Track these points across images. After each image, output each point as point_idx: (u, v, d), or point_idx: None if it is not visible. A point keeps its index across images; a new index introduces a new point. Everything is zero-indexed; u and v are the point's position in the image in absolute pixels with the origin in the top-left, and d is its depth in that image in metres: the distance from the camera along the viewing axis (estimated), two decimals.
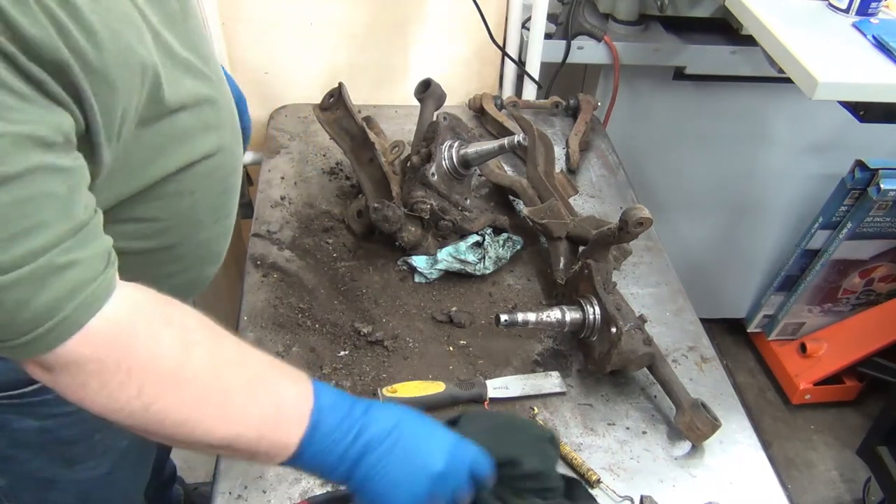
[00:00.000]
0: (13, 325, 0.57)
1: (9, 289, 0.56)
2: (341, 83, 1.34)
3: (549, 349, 1.16)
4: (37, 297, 0.57)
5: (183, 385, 0.65)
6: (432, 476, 0.73)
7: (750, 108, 2.00)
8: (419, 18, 1.65)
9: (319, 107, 1.38)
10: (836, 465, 2.29)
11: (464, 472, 0.75)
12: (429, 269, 1.24)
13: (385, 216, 1.21)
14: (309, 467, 0.72)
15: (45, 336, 0.59)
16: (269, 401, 0.70)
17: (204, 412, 0.67)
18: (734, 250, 2.35)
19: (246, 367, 0.71)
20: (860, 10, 1.49)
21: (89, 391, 0.63)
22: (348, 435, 0.71)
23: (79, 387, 0.63)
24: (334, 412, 0.71)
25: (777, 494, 0.99)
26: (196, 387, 0.66)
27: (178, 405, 0.65)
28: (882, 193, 2.00)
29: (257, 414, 0.69)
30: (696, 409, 1.01)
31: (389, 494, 0.72)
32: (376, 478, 0.71)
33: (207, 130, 0.81)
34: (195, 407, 0.66)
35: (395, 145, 1.34)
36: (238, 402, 0.68)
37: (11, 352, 0.60)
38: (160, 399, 0.64)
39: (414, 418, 0.76)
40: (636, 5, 1.79)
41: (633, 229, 1.04)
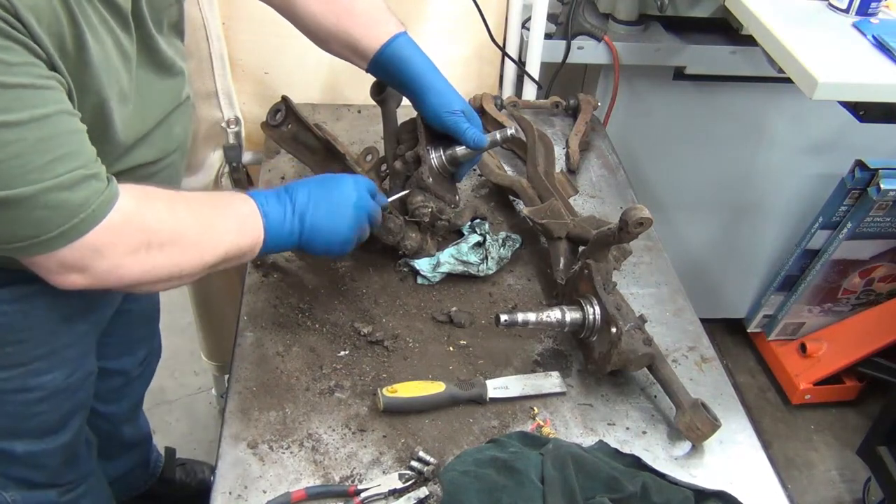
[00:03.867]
0: (55, 219, 0.78)
1: (52, 191, 0.77)
2: (285, 96, 1.32)
3: (549, 349, 1.16)
4: (72, 198, 0.78)
5: (184, 232, 0.90)
6: (352, 204, 1.03)
7: (750, 108, 2.00)
8: (419, 18, 1.65)
9: (267, 124, 1.33)
10: (836, 465, 2.29)
11: (367, 196, 1.06)
12: (431, 272, 1.23)
13: (388, 228, 1.19)
14: (274, 247, 1.00)
15: (80, 225, 0.80)
16: (234, 218, 0.96)
17: (203, 246, 0.92)
18: (734, 250, 2.35)
19: (208, 204, 0.96)
20: (860, 10, 1.49)
21: (125, 267, 0.85)
22: (286, 211, 0.99)
23: (117, 267, 0.84)
24: (271, 203, 0.99)
25: (777, 494, 0.99)
26: (192, 230, 0.91)
27: (188, 248, 0.90)
28: (882, 193, 2.00)
29: (233, 230, 0.95)
30: (696, 409, 1.01)
31: (333, 231, 1.02)
32: (318, 227, 1.01)
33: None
34: (197, 243, 0.91)
35: (368, 152, 1.31)
36: (219, 229, 0.94)
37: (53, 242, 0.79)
38: (175, 249, 0.88)
39: (318, 178, 1.06)
40: (636, 5, 1.79)
41: (633, 229, 1.04)
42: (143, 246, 0.85)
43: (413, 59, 1.15)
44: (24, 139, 0.74)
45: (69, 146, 0.79)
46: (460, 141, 1.17)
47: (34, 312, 1.09)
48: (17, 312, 1.07)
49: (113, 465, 1.57)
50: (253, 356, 1.10)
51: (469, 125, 1.16)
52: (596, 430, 1.04)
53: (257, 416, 1.02)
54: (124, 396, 1.61)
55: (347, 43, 1.17)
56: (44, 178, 0.76)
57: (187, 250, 0.90)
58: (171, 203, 0.90)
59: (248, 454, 0.97)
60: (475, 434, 1.02)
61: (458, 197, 1.26)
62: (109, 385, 1.52)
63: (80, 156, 0.80)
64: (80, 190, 0.79)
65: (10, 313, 1.07)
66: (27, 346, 1.12)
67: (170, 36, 1.04)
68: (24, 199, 0.76)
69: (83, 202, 0.79)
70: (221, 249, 0.94)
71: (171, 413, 2.24)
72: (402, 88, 1.19)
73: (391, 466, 0.97)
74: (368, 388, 1.06)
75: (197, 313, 1.87)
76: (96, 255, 0.82)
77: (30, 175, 0.75)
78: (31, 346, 1.12)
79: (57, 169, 0.77)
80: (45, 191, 0.76)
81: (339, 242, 1.04)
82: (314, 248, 1.03)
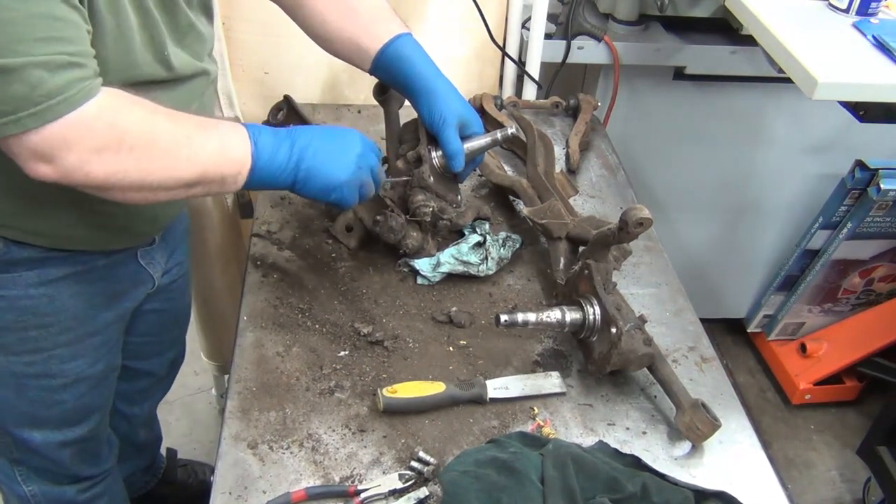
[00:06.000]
0: (31, 97, 0.77)
1: (34, 67, 0.76)
2: (287, 96, 1.32)
3: (549, 349, 1.16)
4: (52, 78, 0.77)
5: (158, 138, 0.88)
6: (356, 154, 1.03)
7: (750, 108, 2.00)
8: (419, 18, 1.65)
9: (268, 123, 1.33)
10: (836, 465, 2.29)
11: (372, 152, 1.06)
12: (431, 273, 1.23)
13: (390, 227, 1.19)
14: (264, 180, 0.97)
15: (55, 107, 0.78)
16: (217, 139, 0.93)
17: (177, 156, 0.89)
18: (734, 250, 2.35)
19: (192, 121, 0.93)
20: (860, 10, 1.49)
21: (94, 164, 0.83)
22: (283, 146, 0.97)
23: (84, 162, 0.83)
24: (265, 134, 0.96)
25: (777, 494, 0.99)
26: (167, 139, 0.89)
27: (159, 156, 0.88)
28: (882, 193, 2.00)
29: (213, 150, 0.92)
30: (696, 409, 1.01)
31: (331, 175, 1.00)
32: (317, 167, 0.99)
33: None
34: (171, 153, 0.89)
35: None
36: (197, 144, 0.91)
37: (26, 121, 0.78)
38: (145, 154, 0.86)
39: (325, 128, 1.05)
40: (636, 5, 1.79)
41: (633, 229, 1.04)
42: (114, 145, 0.84)
43: (414, 59, 1.15)
44: (17, 10, 0.74)
45: (61, 32, 0.78)
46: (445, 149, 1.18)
47: (59, 298, 1.10)
48: (42, 296, 1.09)
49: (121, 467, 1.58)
50: (253, 356, 1.10)
51: (454, 141, 1.16)
52: (596, 430, 1.04)
53: (257, 416, 1.02)
54: (147, 399, 1.62)
55: (350, 42, 1.17)
56: (29, 52, 0.76)
57: (158, 158, 0.88)
58: (152, 111, 0.88)
59: (248, 454, 0.97)
60: (475, 434, 1.02)
61: (460, 197, 1.26)
62: (136, 386, 1.53)
63: (69, 43, 0.79)
64: (61, 74, 0.78)
65: (35, 297, 1.08)
66: (52, 330, 1.13)
67: (197, 11, 1.04)
68: (9, 70, 0.75)
69: (62, 86, 0.78)
70: (198, 167, 0.91)
71: (171, 413, 2.24)
72: (402, 89, 1.19)
73: (391, 467, 0.97)
74: (368, 388, 1.06)
75: (197, 313, 1.87)
76: (64, 145, 0.81)
77: (17, 46, 0.75)
78: (55, 331, 1.13)
79: (44, 48, 0.77)
80: (27, 65, 0.76)
81: (338, 186, 1.01)
82: (311, 187, 1.00)
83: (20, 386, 1.18)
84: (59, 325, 1.13)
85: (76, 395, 1.23)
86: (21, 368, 1.15)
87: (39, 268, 1.06)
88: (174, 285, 1.41)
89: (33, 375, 1.17)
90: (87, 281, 1.13)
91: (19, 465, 1.31)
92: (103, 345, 1.23)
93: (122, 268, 1.18)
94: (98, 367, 1.24)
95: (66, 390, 1.21)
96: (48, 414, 1.23)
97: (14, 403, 1.20)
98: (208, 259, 1.74)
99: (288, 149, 0.98)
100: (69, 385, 1.21)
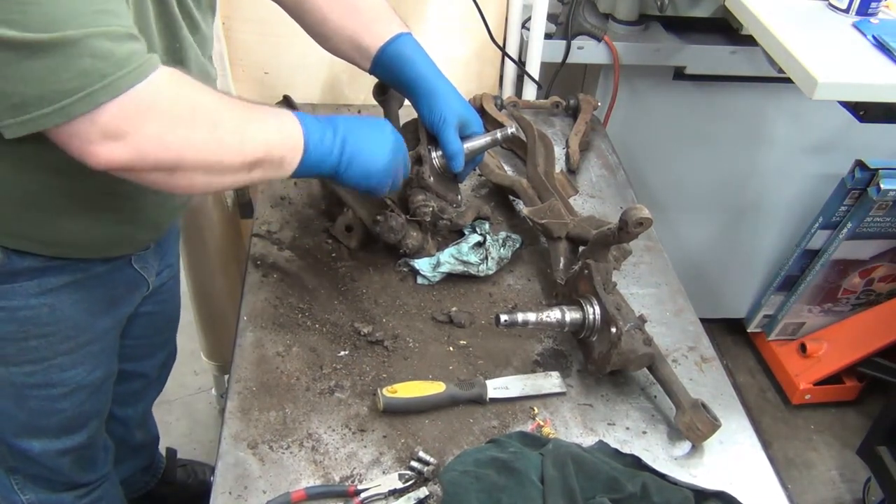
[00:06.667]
0: (101, 69, 0.75)
1: (98, 37, 0.74)
2: (286, 95, 1.32)
3: (549, 349, 1.16)
4: (118, 49, 0.76)
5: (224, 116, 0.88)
6: (391, 142, 1.06)
7: (750, 108, 2.00)
8: (419, 18, 1.65)
9: None
10: (836, 465, 2.29)
11: (403, 145, 1.10)
12: (431, 272, 1.23)
13: (390, 227, 1.19)
14: (313, 164, 0.98)
15: (127, 76, 0.77)
16: (274, 119, 0.95)
17: (244, 134, 0.90)
18: (734, 250, 2.35)
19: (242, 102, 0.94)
20: (860, 10, 1.49)
21: (169, 136, 0.82)
22: (327, 132, 0.99)
23: (162, 134, 0.81)
24: (310, 119, 0.98)
25: (777, 494, 0.99)
26: (232, 116, 0.89)
27: (229, 131, 0.88)
28: (882, 193, 2.00)
29: (273, 129, 0.94)
30: (696, 409, 1.01)
31: (371, 160, 1.03)
32: (360, 151, 1.01)
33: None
34: (238, 130, 0.89)
35: None
36: (259, 123, 0.92)
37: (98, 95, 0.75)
38: (216, 129, 0.86)
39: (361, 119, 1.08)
40: (636, 5, 1.79)
41: (633, 229, 1.04)
42: (187, 116, 0.83)
43: (414, 59, 1.15)
44: None
45: (114, 4, 0.77)
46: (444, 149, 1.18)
47: (59, 306, 1.10)
48: (43, 306, 1.08)
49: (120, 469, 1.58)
50: (253, 356, 1.10)
51: (454, 141, 1.16)
52: (596, 430, 1.04)
53: (257, 416, 1.02)
54: (140, 400, 1.62)
55: (351, 41, 1.17)
56: (91, 23, 0.74)
57: (229, 133, 0.87)
58: (208, 88, 0.88)
59: (248, 454, 0.97)
60: (475, 434, 1.02)
61: (461, 196, 1.27)
62: (128, 388, 1.53)
63: (123, 17, 0.78)
64: (125, 44, 0.77)
65: (36, 307, 1.08)
66: (52, 340, 1.13)
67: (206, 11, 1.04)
68: (72, 42, 0.73)
69: (128, 56, 0.77)
70: (262, 146, 0.91)
71: (171, 413, 2.24)
72: (402, 89, 1.20)
73: (391, 466, 0.97)
74: (368, 388, 1.06)
75: (197, 313, 1.87)
76: (141, 115, 0.79)
77: (79, 18, 0.73)
78: (55, 340, 1.13)
79: (104, 19, 0.75)
80: (92, 36, 0.74)
81: (378, 171, 1.04)
82: (353, 173, 1.02)
83: (20, 396, 1.17)
84: (59, 335, 1.13)
85: (76, 403, 1.23)
86: (21, 379, 1.14)
87: (39, 277, 1.06)
88: (165, 287, 1.41)
89: (33, 385, 1.16)
90: (87, 288, 1.12)
91: (15, 474, 1.30)
92: (102, 351, 1.23)
93: (118, 274, 1.18)
94: (97, 373, 1.23)
95: (65, 399, 1.21)
96: (48, 423, 1.23)
97: (13, 414, 1.19)
98: (208, 259, 1.74)
99: (332, 134, 0.99)
100: (69, 393, 1.20)
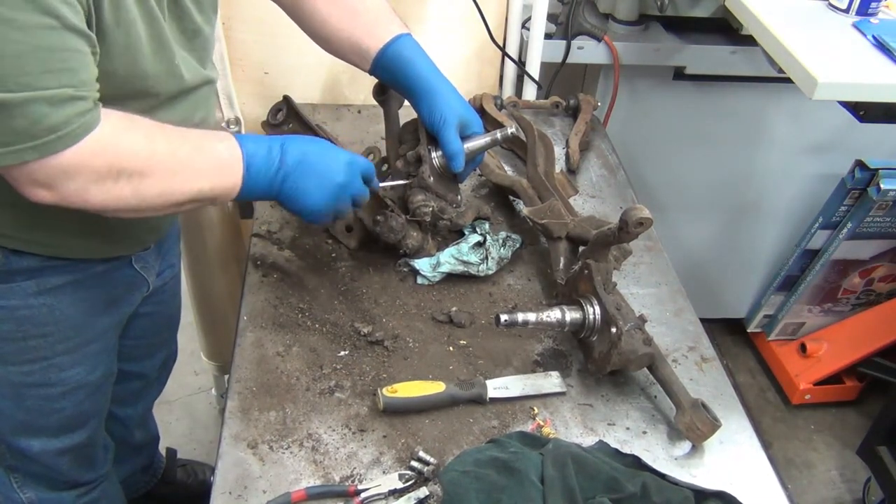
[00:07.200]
0: (33, 131, 0.78)
1: (36, 102, 0.77)
2: (286, 96, 1.32)
3: (549, 349, 1.16)
4: (55, 113, 0.79)
5: (155, 166, 0.89)
6: (336, 185, 1.04)
7: (750, 108, 2.00)
8: (419, 18, 1.65)
9: (268, 124, 1.34)
10: (836, 465, 2.29)
11: (358, 179, 1.07)
12: (431, 272, 1.23)
13: (390, 227, 1.19)
14: (248, 196, 0.99)
15: (55, 142, 0.80)
16: (212, 158, 0.95)
17: (174, 181, 0.91)
18: (734, 250, 2.35)
19: (187, 140, 0.94)
20: (860, 10, 1.49)
21: (92, 192, 0.86)
22: (271, 168, 0.98)
23: (83, 191, 0.85)
24: (259, 155, 0.98)
25: (777, 494, 0.99)
26: (164, 165, 0.90)
27: (156, 182, 0.89)
28: (882, 193, 2.00)
29: (207, 169, 0.95)
30: (696, 409, 1.01)
31: (308, 202, 1.02)
32: (297, 193, 1.01)
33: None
34: (168, 178, 0.91)
35: (370, 151, 1.32)
36: (193, 167, 0.93)
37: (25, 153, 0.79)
38: (142, 181, 0.88)
39: (317, 146, 1.05)
40: (636, 5, 1.79)
41: (633, 229, 1.04)
42: (112, 175, 0.86)
43: (414, 60, 1.15)
44: (24, 43, 0.75)
45: (66, 63, 0.79)
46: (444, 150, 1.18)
47: (58, 306, 1.10)
48: (42, 306, 1.09)
49: (119, 468, 1.58)
50: (253, 356, 1.10)
51: (454, 141, 1.16)
52: (596, 430, 1.04)
53: (257, 416, 1.02)
54: (140, 400, 1.62)
55: (350, 43, 1.17)
56: (33, 86, 0.76)
57: (156, 185, 0.90)
58: (150, 135, 0.90)
59: (248, 454, 0.97)
60: (475, 434, 1.02)
61: (461, 196, 1.26)
62: (128, 388, 1.53)
63: (74, 74, 0.80)
64: (63, 109, 0.79)
65: (35, 307, 1.08)
66: (51, 339, 1.13)
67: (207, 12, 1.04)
68: (9, 104, 0.76)
69: (63, 122, 0.79)
70: (193, 189, 0.93)
71: (171, 413, 2.24)
72: (402, 89, 1.19)
73: (391, 466, 0.97)
74: (368, 388, 1.06)
75: (197, 313, 1.87)
76: (64, 176, 0.83)
77: (21, 79, 0.76)
78: (54, 339, 1.13)
79: (48, 81, 0.77)
80: (30, 100, 0.76)
81: (312, 212, 1.04)
82: (287, 208, 1.04)
83: (19, 395, 1.17)
84: (58, 334, 1.13)
85: (75, 402, 1.23)
86: (20, 378, 1.15)
87: (38, 277, 1.06)
88: (165, 287, 1.41)
89: (32, 385, 1.16)
90: (85, 288, 1.13)
91: (15, 473, 1.30)
92: (101, 351, 1.23)
93: (118, 274, 1.18)
94: (96, 373, 1.24)
95: (64, 398, 1.21)
96: (46, 422, 1.23)
97: (12, 413, 1.20)
98: (208, 259, 1.74)
99: (275, 171, 0.99)
100: (68, 393, 1.21)
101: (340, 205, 1.07)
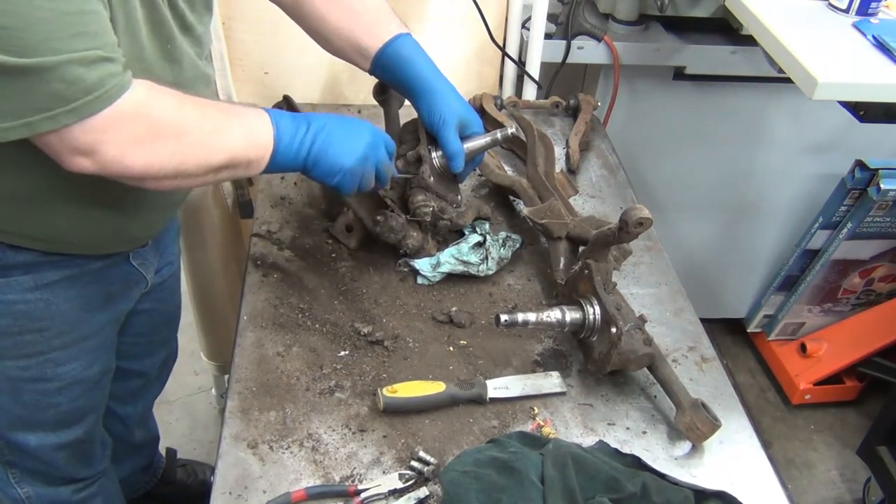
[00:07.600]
0: (69, 93, 0.79)
1: (70, 64, 0.78)
2: (286, 95, 1.33)
3: (549, 349, 1.16)
4: (88, 75, 0.79)
5: (190, 127, 0.91)
6: (364, 143, 1.05)
7: (750, 108, 2.00)
8: (419, 18, 1.65)
9: None
10: (836, 465, 2.29)
11: (382, 145, 1.09)
12: (431, 273, 1.23)
13: (390, 227, 1.20)
14: (281, 163, 1.00)
15: (93, 102, 0.80)
16: (241, 119, 0.97)
17: (208, 142, 0.93)
18: (734, 250, 2.35)
19: (218, 108, 0.97)
20: (860, 10, 1.49)
21: (132, 155, 0.86)
22: (300, 130, 1.00)
23: (121, 156, 0.85)
24: (285, 119, 1.00)
25: (777, 494, 1.00)
26: (198, 126, 0.92)
27: (191, 144, 0.91)
28: (882, 193, 2.00)
29: (238, 130, 0.96)
30: (696, 409, 1.01)
31: (338, 160, 1.03)
32: (327, 151, 1.02)
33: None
34: (202, 139, 0.92)
35: None
36: (226, 132, 0.95)
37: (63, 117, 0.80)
38: (179, 143, 0.89)
39: (339, 117, 1.07)
40: (636, 5, 1.79)
41: (633, 229, 1.04)
42: (150, 136, 0.87)
43: (414, 59, 1.15)
44: (49, 9, 0.75)
45: (91, 26, 0.79)
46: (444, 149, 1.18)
47: (55, 301, 1.10)
48: (38, 301, 1.09)
49: (119, 467, 1.58)
50: (253, 356, 1.10)
51: (454, 141, 1.16)
52: (596, 430, 1.04)
53: (257, 416, 1.02)
54: (140, 398, 1.62)
55: (350, 42, 1.17)
56: (65, 49, 0.77)
57: (192, 147, 0.91)
58: (180, 101, 0.91)
59: (248, 454, 0.97)
60: (475, 434, 1.02)
61: (461, 196, 1.27)
62: (128, 387, 1.53)
63: (99, 37, 0.81)
64: (96, 69, 0.80)
65: (31, 301, 1.08)
66: (48, 334, 1.13)
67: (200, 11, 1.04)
68: (44, 69, 0.76)
69: (98, 81, 0.80)
70: (227, 153, 0.94)
71: (171, 413, 2.24)
72: (402, 89, 1.20)
73: (391, 466, 0.97)
74: (368, 388, 1.06)
75: (197, 313, 1.87)
76: (103, 139, 0.83)
77: (52, 44, 0.76)
78: (51, 334, 1.14)
79: (78, 44, 0.78)
80: (64, 63, 0.77)
81: (342, 170, 1.04)
82: (318, 171, 1.03)
83: (15, 390, 1.17)
84: (54, 329, 1.13)
85: (71, 397, 1.23)
86: (16, 373, 1.15)
87: (35, 272, 1.06)
88: (164, 285, 1.41)
89: (28, 379, 1.17)
90: (82, 284, 1.13)
91: (12, 468, 1.31)
92: (99, 347, 1.23)
93: (115, 270, 1.18)
94: (93, 369, 1.24)
95: (61, 393, 1.21)
96: (43, 417, 1.23)
97: (9, 407, 1.20)
98: (208, 259, 1.74)
99: (304, 133, 1.01)
100: (64, 388, 1.21)
101: (367, 166, 1.07)
